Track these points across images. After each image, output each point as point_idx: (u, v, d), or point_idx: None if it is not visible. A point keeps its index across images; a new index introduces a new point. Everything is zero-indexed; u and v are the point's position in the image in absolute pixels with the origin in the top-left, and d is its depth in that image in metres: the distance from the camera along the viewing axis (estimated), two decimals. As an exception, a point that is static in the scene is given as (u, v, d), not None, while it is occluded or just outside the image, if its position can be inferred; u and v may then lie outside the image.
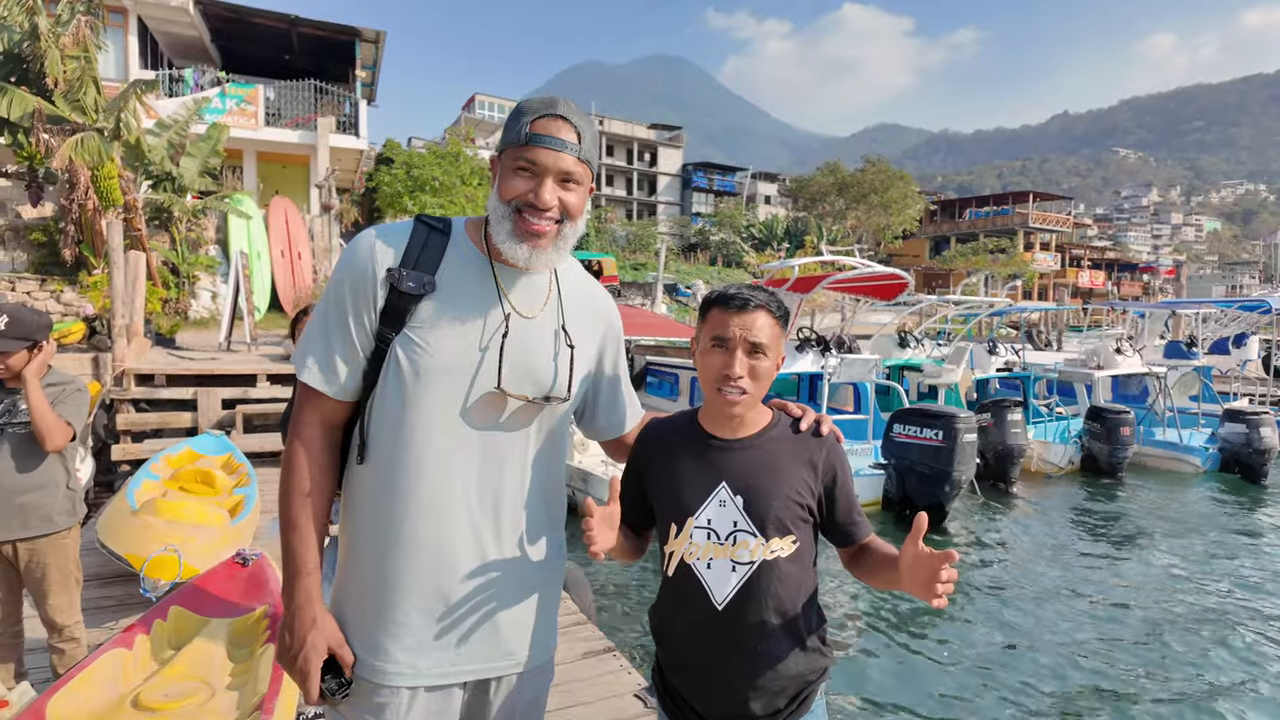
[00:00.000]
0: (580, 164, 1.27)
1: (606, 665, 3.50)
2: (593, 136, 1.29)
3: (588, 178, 1.31)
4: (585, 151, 1.27)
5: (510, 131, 1.26)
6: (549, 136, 1.23)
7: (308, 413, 1.31)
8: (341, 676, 1.27)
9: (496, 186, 1.29)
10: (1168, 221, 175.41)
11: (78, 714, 2.17)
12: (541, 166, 1.23)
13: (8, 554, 2.72)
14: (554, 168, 1.24)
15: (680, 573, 1.43)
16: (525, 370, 1.32)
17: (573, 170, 1.26)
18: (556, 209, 1.26)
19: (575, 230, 1.31)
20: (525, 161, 1.24)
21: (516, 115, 1.27)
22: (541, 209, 1.25)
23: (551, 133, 1.23)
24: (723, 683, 1.41)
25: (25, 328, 2.61)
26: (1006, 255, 45.28)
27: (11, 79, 11.22)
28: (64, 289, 11.71)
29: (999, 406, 10.34)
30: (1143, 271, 63.36)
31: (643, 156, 59.51)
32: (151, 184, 13.34)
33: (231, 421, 7.78)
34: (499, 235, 1.28)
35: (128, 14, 17.09)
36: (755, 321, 1.38)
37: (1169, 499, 10.49)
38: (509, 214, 1.26)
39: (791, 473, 1.43)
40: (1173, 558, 7.86)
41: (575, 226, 1.31)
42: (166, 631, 2.79)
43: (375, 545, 1.29)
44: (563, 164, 1.24)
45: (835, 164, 46.68)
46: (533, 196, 1.24)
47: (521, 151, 1.24)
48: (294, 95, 18.79)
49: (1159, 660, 5.39)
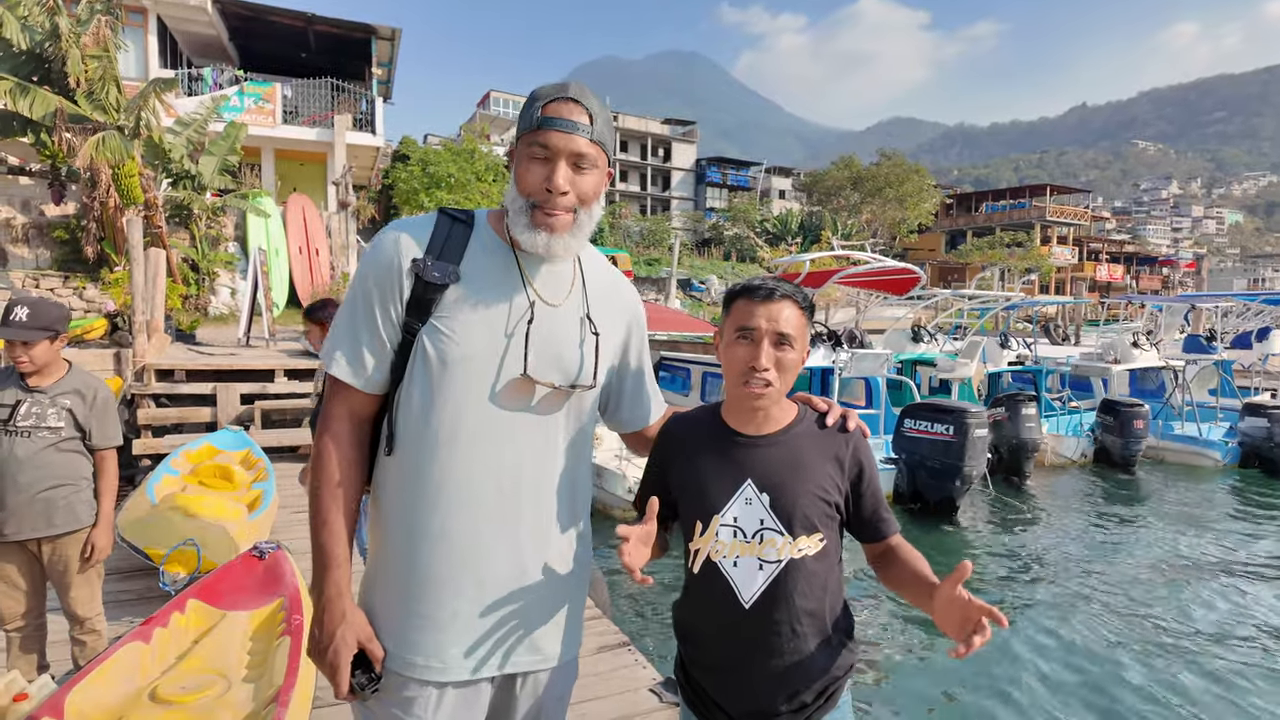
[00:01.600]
0: (593, 145, 1.26)
1: (622, 660, 3.51)
2: (606, 119, 1.29)
3: (602, 161, 1.30)
4: (598, 133, 1.26)
5: (524, 119, 1.27)
6: (560, 119, 1.23)
7: (337, 406, 1.31)
8: (371, 671, 1.26)
9: (513, 178, 1.30)
10: (1188, 214, 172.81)
11: (96, 707, 2.20)
12: (554, 149, 1.23)
13: (32, 549, 2.77)
14: (566, 149, 1.24)
15: (706, 570, 1.41)
16: (552, 357, 1.32)
17: (585, 152, 1.25)
18: (571, 195, 1.26)
19: (592, 217, 1.31)
20: (538, 146, 1.24)
21: (530, 102, 1.27)
22: (555, 192, 1.25)
23: (563, 115, 1.23)
24: (748, 680, 1.39)
25: (46, 318, 2.65)
26: (1023, 249, 44.82)
27: (34, 79, 11.36)
28: (86, 285, 11.89)
29: (1013, 400, 10.28)
30: (1162, 265, 62.48)
31: (656, 152, 59.30)
32: (171, 182, 13.49)
33: (250, 417, 7.87)
34: (516, 227, 1.29)
35: (147, 13, 17.25)
36: (782, 312, 1.36)
37: (1186, 492, 10.41)
38: (525, 208, 1.27)
39: (818, 469, 1.40)
40: (1191, 550, 7.79)
41: (591, 213, 1.31)
42: (184, 625, 2.82)
43: (403, 537, 1.28)
44: (575, 145, 1.24)
45: (850, 158, 46.32)
46: (547, 181, 1.24)
47: (535, 136, 1.24)
48: (311, 93, 18.90)
49: (1177, 650, 5.35)
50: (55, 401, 2.72)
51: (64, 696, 2.16)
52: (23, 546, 2.75)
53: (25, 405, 2.69)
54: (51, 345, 2.69)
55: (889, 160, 44.97)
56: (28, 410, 2.69)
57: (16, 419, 2.67)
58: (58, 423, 2.71)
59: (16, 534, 2.70)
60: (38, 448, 2.69)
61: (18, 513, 2.68)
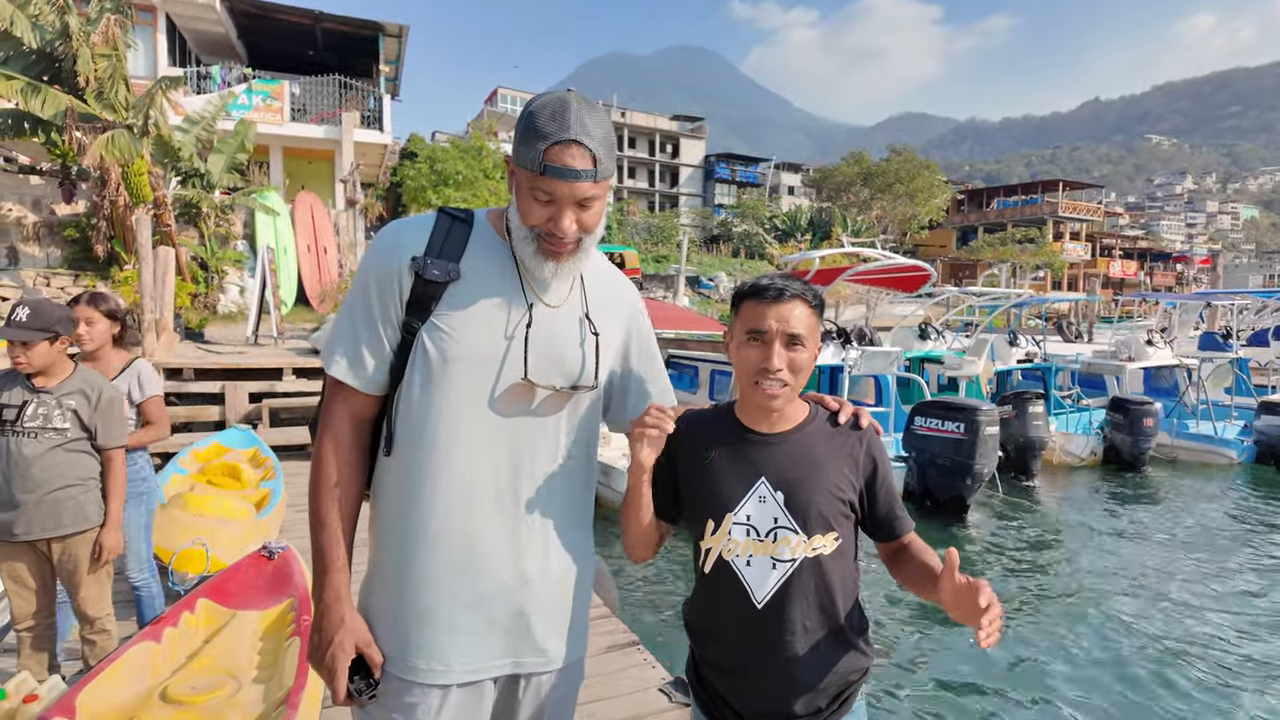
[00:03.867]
0: (597, 185, 1.23)
1: (631, 659, 3.50)
2: (609, 146, 1.25)
3: (606, 188, 1.28)
4: (602, 172, 1.23)
5: (523, 152, 1.21)
6: (564, 168, 1.19)
7: (337, 407, 1.30)
8: (370, 677, 1.25)
9: (516, 204, 1.27)
10: (1203, 209, 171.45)
11: (107, 707, 2.21)
12: (559, 197, 1.21)
13: (41, 548, 2.77)
14: (571, 197, 1.21)
15: (718, 570, 1.40)
16: (552, 360, 1.31)
17: (590, 194, 1.23)
18: (575, 231, 1.25)
19: (595, 238, 1.30)
20: (541, 192, 1.21)
21: (529, 135, 1.20)
22: (561, 237, 1.23)
23: (566, 163, 1.18)
24: (762, 682, 1.38)
25: (46, 319, 2.64)
26: (1035, 245, 44.52)
27: (44, 78, 11.43)
28: (96, 284, 11.96)
29: (1020, 398, 10.21)
30: (1176, 261, 61.95)
31: (665, 148, 59.22)
32: (180, 180, 13.55)
33: (258, 415, 7.90)
34: (522, 253, 1.27)
35: (156, 12, 17.32)
36: (792, 312, 1.35)
37: (1199, 490, 10.31)
38: (531, 237, 1.25)
39: (832, 467, 1.39)
40: (1199, 550, 7.72)
41: (594, 237, 1.30)
42: (194, 624, 2.83)
43: (403, 538, 1.27)
44: (579, 192, 1.21)
45: (860, 154, 46.14)
46: (552, 225, 1.23)
47: (537, 181, 1.20)
48: (319, 90, 18.94)
49: (1183, 652, 5.30)
50: (61, 403, 2.72)
51: (75, 697, 2.17)
52: (33, 546, 2.76)
53: (31, 406, 2.69)
54: (52, 347, 2.68)
55: (899, 156, 44.77)
56: (34, 411, 2.69)
57: (23, 420, 2.67)
58: (63, 424, 2.71)
59: (26, 534, 2.70)
60: (44, 448, 2.69)
61: (27, 513, 2.68)
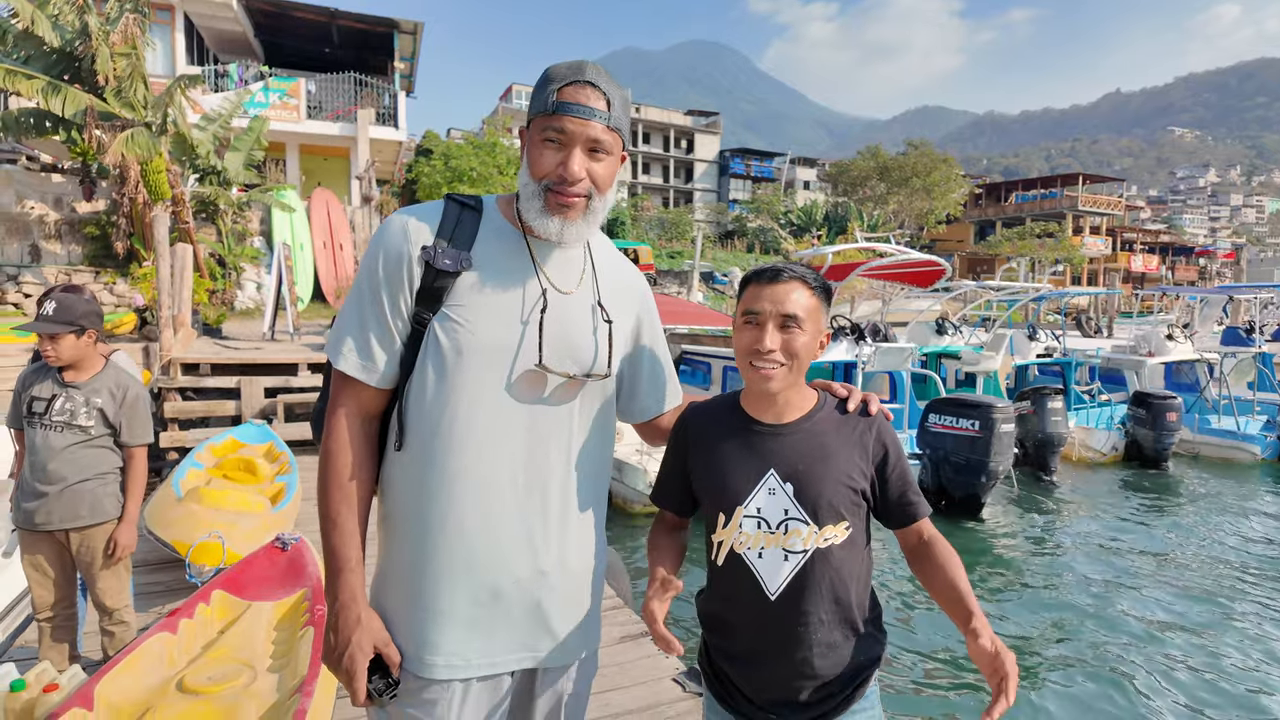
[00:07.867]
0: (610, 132, 1.22)
1: (644, 650, 3.51)
2: (623, 102, 1.25)
3: (618, 146, 1.26)
4: (615, 119, 1.22)
5: (537, 100, 1.22)
6: (577, 105, 1.18)
7: (345, 403, 1.26)
8: (389, 676, 1.23)
9: (526, 161, 1.26)
10: (1226, 203, 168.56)
11: (125, 697, 2.24)
12: (569, 135, 1.20)
13: (61, 539, 2.83)
14: (582, 136, 1.20)
15: (730, 562, 1.38)
16: (567, 347, 1.29)
17: (602, 138, 1.21)
18: (586, 182, 1.23)
19: (605, 203, 1.28)
20: (553, 131, 1.20)
21: (544, 83, 1.22)
22: (570, 180, 1.21)
23: (579, 100, 1.19)
24: (777, 671, 1.37)
25: (72, 313, 2.67)
26: (1054, 240, 43.99)
27: (65, 77, 11.57)
28: (116, 281, 12.12)
29: (1039, 394, 10.10)
30: (1199, 255, 60.93)
31: (679, 143, 59.04)
32: (198, 177, 13.68)
33: (273, 410, 7.98)
34: (529, 212, 1.25)
35: (174, 11, 17.47)
36: (789, 294, 1.33)
37: (1222, 487, 10.17)
38: (539, 191, 1.24)
39: (842, 456, 1.37)
40: (1230, 548, 7.62)
41: (605, 199, 1.28)
42: (210, 616, 2.87)
43: (417, 533, 1.25)
44: (591, 132, 1.20)
45: (876, 148, 45.71)
46: (561, 169, 1.21)
47: (549, 120, 1.20)
48: (334, 88, 19.04)
49: (1211, 661, 5.24)
50: (89, 399, 2.77)
51: (94, 686, 2.20)
52: (53, 536, 2.82)
53: (60, 400, 2.74)
54: (78, 340, 2.72)
55: (916, 149, 44.32)
56: (62, 406, 2.74)
57: (52, 413, 2.73)
58: (87, 421, 2.76)
59: (46, 524, 2.76)
60: (68, 442, 2.74)
61: (48, 503, 2.74)
